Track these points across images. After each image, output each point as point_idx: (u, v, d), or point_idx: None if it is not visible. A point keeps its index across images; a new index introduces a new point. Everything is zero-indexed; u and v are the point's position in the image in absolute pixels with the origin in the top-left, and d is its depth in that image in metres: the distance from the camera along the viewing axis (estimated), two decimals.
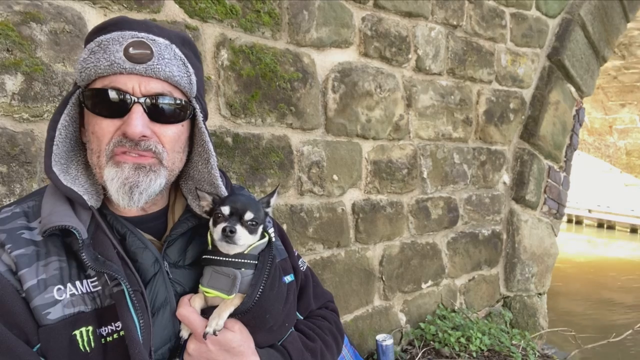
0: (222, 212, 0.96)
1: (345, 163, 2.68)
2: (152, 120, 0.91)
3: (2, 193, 1.56)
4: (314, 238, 2.56)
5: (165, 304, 0.95)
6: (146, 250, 0.95)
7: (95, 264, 0.86)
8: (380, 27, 2.77)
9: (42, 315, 0.84)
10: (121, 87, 0.88)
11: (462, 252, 3.54)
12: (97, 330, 0.87)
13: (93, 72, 0.89)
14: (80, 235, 0.87)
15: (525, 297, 4.02)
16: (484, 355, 3.00)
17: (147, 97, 0.90)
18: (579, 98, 4.28)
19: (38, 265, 0.87)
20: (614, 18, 4.38)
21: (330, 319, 1.24)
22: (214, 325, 0.91)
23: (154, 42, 0.90)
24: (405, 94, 2.99)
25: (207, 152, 1.02)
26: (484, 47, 3.46)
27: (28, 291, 0.84)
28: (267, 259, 0.99)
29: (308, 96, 2.46)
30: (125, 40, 0.88)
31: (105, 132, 0.90)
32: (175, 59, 0.93)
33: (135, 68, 0.88)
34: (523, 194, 3.87)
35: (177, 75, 0.93)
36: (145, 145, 0.91)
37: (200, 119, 1.01)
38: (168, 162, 0.96)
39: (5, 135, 1.56)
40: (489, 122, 3.59)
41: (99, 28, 0.93)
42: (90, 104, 0.91)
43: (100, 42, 0.88)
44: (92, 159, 0.94)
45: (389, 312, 3.06)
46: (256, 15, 2.22)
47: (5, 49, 1.53)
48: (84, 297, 0.88)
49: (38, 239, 0.89)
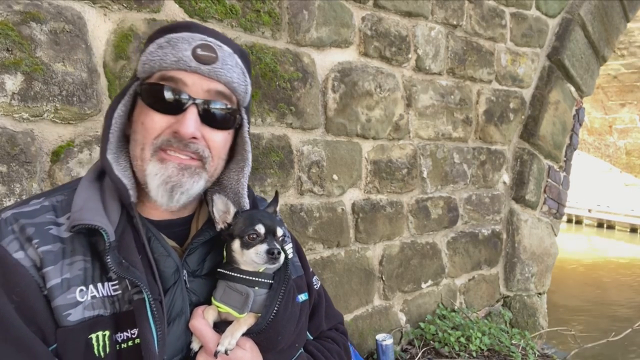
0: (258, 232, 0.95)
1: (345, 163, 2.68)
2: (203, 123, 0.93)
3: (2, 193, 1.56)
4: (314, 238, 2.56)
5: (180, 314, 0.94)
6: (169, 259, 0.95)
7: (119, 268, 0.85)
8: (380, 26, 2.77)
9: (63, 316, 0.84)
10: (183, 81, 0.90)
11: (462, 251, 3.54)
12: (113, 336, 0.87)
13: (157, 65, 0.91)
14: (108, 238, 0.86)
15: (525, 297, 4.02)
16: (484, 354, 3.00)
17: (203, 100, 0.92)
18: (578, 98, 4.28)
19: (63, 263, 0.86)
20: (614, 18, 4.38)
21: (340, 342, 1.23)
22: (226, 345, 0.90)
23: (220, 48, 0.94)
24: (405, 94, 2.99)
25: (244, 161, 1.06)
26: (484, 47, 3.46)
27: (51, 290, 0.84)
28: (282, 279, 0.98)
29: (308, 96, 2.46)
30: (195, 41, 0.91)
31: (156, 126, 0.91)
32: (237, 67, 0.97)
33: (199, 68, 0.90)
34: (523, 194, 3.87)
35: (236, 82, 0.96)
36: (193, 147, 0.92)
37: (245, 128, 1.04)
38: (211, 167, 0.97)
39: (5, 135, 1.56)
40: (488, 122, 3.59)
41: (168, 28, 0.96)
42: (147, 96, 0.92)
43: (169, 39, 0.91)
44: (135, 150, 0.94)
45: (389, 311, 3.06)
46: (256, 15, 2.22)
47: (5, 48, 1.53)
48: (104, 301, 0.88)
49: (65, 235, 0.88)
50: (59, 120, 1.68)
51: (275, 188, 2.37)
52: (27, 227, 0.86)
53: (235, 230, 0.97)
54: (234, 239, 0.97)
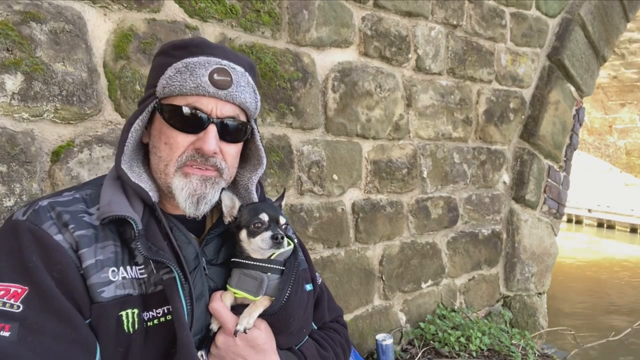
0: (262, 220, 1.04)
1: (345, 163, 2.68)
2: (220, 139, 1.03)
3: (2, 193, 1.56)
4: (314, 238, 2.56)
5: (200, 296, 1.03)
6: (189, 245, 1.05)
7: (149, 252, 0.95)
8: (380, 26, 2.77)
9: (97, 293, 0.93)
10: (203, 108, 1.01)
11: (462, 251, 3.54)
12: (141, 314, 0.96)
13: (177, 90, 1.00)
14: (137, 226, 0.96)
15: (525, 297, 4.02)
16: (484, 354, 3.00)
17: (221, 119, 1.02)
18: (579, 98, 4.28)
19: (96, 246, 0.96)
20: (614, 18, 4.37)
21: (341, 332, 1.32)
22: (244, 324, 0.98)
23: (233, 70, 1.03)
24: (405, 94, 2.99)
25: (260, 164, 1.17)
26: (484, 47, 3.46)
27: (86, 269, 0.93)
28: (292, 265, 1.07)
29: (308, 96, 2.46)
30: (211, 66, 1.00)
31: (180, 145, 1.01)
32: (248, 87, 1.06)
33: (217, 93, 1.00)
34: (523, 194, 3.87)
35: (248, 102, 1.06)
36: (213, 161, 1.03)
37: (257, 137, 1.15)
38: (227, 175, 1.08)
39: (5, 135, 1.56)
40: (488, 122, 3.59)
41: (180, 46, 1.04)
42: (170, 117, 1.02)
43: (187, 64, 1.00)
44: (159, 165, 1.05)
45: (389, 311, 3.06)
46: (256, 15, 2.22)
47: (5, 48, 1.53)
48: (133, 282, 0.97)
49: (96, 223, 0.98)
50: (59, 120, 1.68)
51: (275, 188, 2.37)
52: (63, 214, 0.96)
53: (241, 222, 1.06)
54: (240, 229, 1.06)
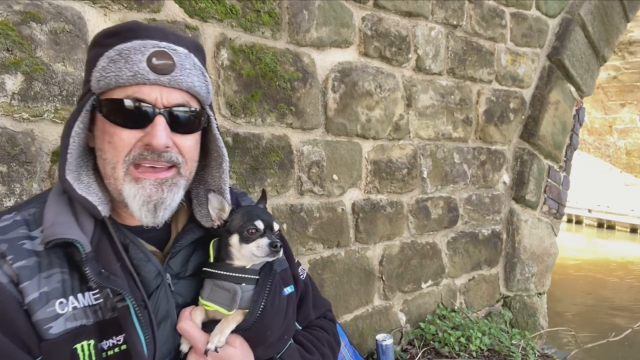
0: (257, 227, 0.97)
1: (345, 163, 2.68)
2: (172, 131, 0.91)
3: (2, 193, 1.56)
4: (314, 238, 2.56)
5: (166, 317, 0.94)
6: (149, 263, 0.94)
7: (99, 278, 0.85)
8: (380, 26, 2.77)
9: (44, 330, 0.84)
10: (145, 98, 0.88)
11: (462, 251, 3.54)
12: (98, 345, 0.87)
13: (114, 82, 0.87)
14: (83, 249, 0.86)
15: (525, 297, 4.02)
16: (484, 355, 3.00)
17: (168, 108, 0.90)
18: (579, 98, 4.28)
19: (40, 277, 0.85)
20: (614, 18, 4.37)
21: (328, 329, 1.24)
22: (215, 342, 0.91)
23: (175, 52, 0.90)
24: (405, 94, 2.98)
25: (221, 156, 1.04)
26: (484, 47, 3.46)
27: (30, 304, 0.84)
28: (268, 274, 0.99)
29: (308, 96, 2.46)
30: (147, 50, 0.87)
31: (125, 143, 0.89)
32: (195, 69, 0.93)
33: (159, 79, 0.87)
34: (523, 194, 3.87)
35: (197, 86, 0.93)
36: (167, 156, 0.90)
37: (214, 125, 1.02)
38: (186, 171, 0.96)
39: (5, 135, 1.56)
40: (489, 122, 3.59)
41: (112, 33, 0.91)
42: (110, 113, 0.89)
43: (120, 50, 0.87)
44: (105, 169, 0.92)
45: (389, 311, 3.06)
46: (256, 15, 2.22)
47: (5, 48, 1.53)
48: (86, 310, 0.88)
49: (40, 249, 0.87)
50: (59, 120, 1.68)
51: (275, 188, 2.37)
52: (0, 244, 0.85)
53: (232, 226, 0.99)
54: (231, 234, 0.98)
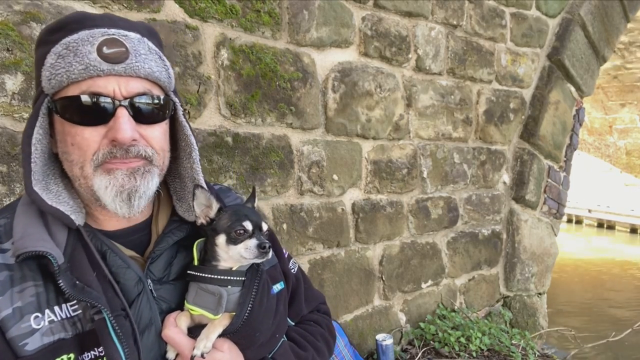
0: (246, 228, 0.93)
1: (345, 163, 2.68)
2: (137, 123, 0.86)
3: (2, 193, 1.56)
4: (314, 238, 2.56)
5: (150, 325, 0.90)
6: (128, 270, 0.90)
7: (73, 290, 0.81)
8: (380, 26, 2.77)
9: (19, 347, 0.80)
10: (101, 91, 0.82)
11: (462, 251, 3.54)
12: (78, 358, 0.83)
13: (65, 78, 0.81)
14: (56, 261, 0.81)
15: (525, 297, 4.02)
16: (484, 355, 3.00)
17: (129, 98, 0.84)
18: (579, 98, 4.28)
19: (12, 292, 0.81)
20: (614, 18, 4.38)
21: (322, 322, 1.21)
22: (202, 348, 0.88)
23: (126, 38, 0.84)
24: (405, 94, 2.99)
25: (189, 145, 0.98)
26: (484, 47, 3.46)
27: (3, 321, 0.79)
28: (255, 275, 0.96)
29: (308, 96, 2.46)
30: (96, 40, 0.81)
31: (90, 142, 0.84)
32: (151, 54, 0.88)
33: (113, 69, 0.82)
34: (523, 194, 3.87)
35: (156, 71, 0.88)
36: (135, 150, 0.86)
37: (180, 112, 0.97)
38: (159, 161, 0.92)
39: (5, 135, 1.56)
40: (489, 122, 3.59)
41: (56, 27, 0.85)
42: (67, 112, 0.83)
43: (67, 44, 0.81)
44: (73, 171, 0.87)
45: (389, 311, 3.06)
46: (256, 15, 2.22)
47: (5, 48, 1.54)
48: (64, 323, 0.83)
49: (11, 262, 0.83)
50: None
51: (275, 188, 2.37)
52: None
53: (219, 226, 0.94)
54: (218, 234, 0.94)
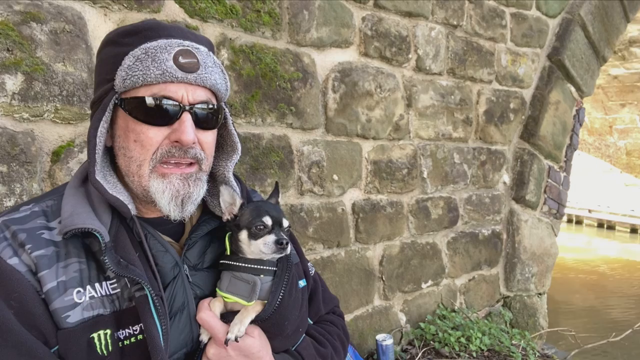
0: (265, 223, 0.98)
1: (345, 163, 2.68)
2: (196, 127, 0.93)
3: (2, 193, 1.56)
4: (314, 238, 2.56)
5: (182, 308, 0.95)
6: (166, 254, 0.96)
7: (117, 267, 0.86)
8: (381, 27, 2.77)
9: (62, 319, 0.85)
10: (172, 96, 0.90)
11: (462, 252, 3.54)
12: (115, 334, 0.88)
13: (141, 80, 0.88)
14: (103, 239, 0.87)
15: (525, 297, 4.02)
16: (484, 355, 3.00)
17: (193, 105, 0.92)
18: (579, 98, 4.28)
19: (58, 266, 0.87)
20: (614, 18, 4.37)
21: (338, 324, 1.26)
22: (236, 332, 0.92)
23: (198, 51, 0.92)
24: (405, 94, 2.98)
25: (235, 150, 1.07)
26: (484, 47, 3.46)
27: (48, 293, 0.85)
28: (285, 266, 1.01)
29: (308, 96, 2.46)
30: (173, 49, 0.89)
31: (153, 141, 0.91)
32: (216, 67, 0.96)
33: (186, 77, 0.90)
34: (523, 194, 3.87)
35: (219, 83, 0.96)
36: (192, 152, 0.93)
37: (230, 121, 1.05)
38: (206, 166, 0.99)
39: (5, 135, 1.56)
40: (489, 122, 3.59)
41: (130, 32, 0.93)
42: (136, 111, 0.91)
43: (146, 49, 0.89)
44: (130, 167, 0.93)
45: (389, 311, 3.06)
46: (256, 15, 2.22)
47: (5, 48, 1.53)
48: (103, 300, 0.89)
49: (58, 239, 0.89)
50: (59, 120, 1.68)
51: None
52: (19, 233, 0.86)
53: (242, 222, 0.99)
54: (241, 229, 0.99)
